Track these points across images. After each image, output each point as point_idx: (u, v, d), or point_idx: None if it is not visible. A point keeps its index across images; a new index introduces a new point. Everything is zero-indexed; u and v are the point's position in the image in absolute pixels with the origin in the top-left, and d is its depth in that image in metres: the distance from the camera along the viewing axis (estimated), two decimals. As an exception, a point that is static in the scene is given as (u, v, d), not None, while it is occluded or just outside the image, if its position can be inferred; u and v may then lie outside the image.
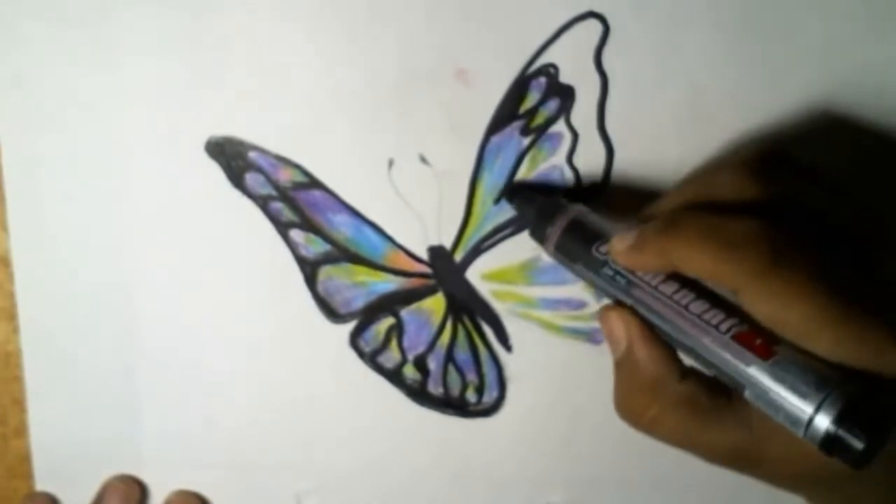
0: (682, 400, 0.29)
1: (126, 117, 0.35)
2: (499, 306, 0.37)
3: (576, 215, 0.33)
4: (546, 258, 0.36)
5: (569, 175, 0.35)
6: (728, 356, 0.27)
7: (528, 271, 0.37)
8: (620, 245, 0.30)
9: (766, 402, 0.26)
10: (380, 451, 0.39)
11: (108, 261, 0.36)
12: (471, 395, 0.38)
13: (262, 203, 0.36)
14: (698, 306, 0.28)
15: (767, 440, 0.28)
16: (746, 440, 0.28)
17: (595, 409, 0.38)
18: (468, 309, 0.37)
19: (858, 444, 0.25)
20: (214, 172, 0.35)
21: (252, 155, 0.35)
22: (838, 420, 0.25)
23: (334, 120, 0.35)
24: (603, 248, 0.31)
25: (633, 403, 0.30)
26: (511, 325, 0.37)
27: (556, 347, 0.37)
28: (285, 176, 0.35)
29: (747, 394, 0.27)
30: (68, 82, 0.34)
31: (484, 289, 0.37)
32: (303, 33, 0.34)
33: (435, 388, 0.38)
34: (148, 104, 0.35)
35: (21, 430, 0.39)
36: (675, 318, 0.29)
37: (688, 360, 0.30)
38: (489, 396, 0.38)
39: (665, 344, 0.30)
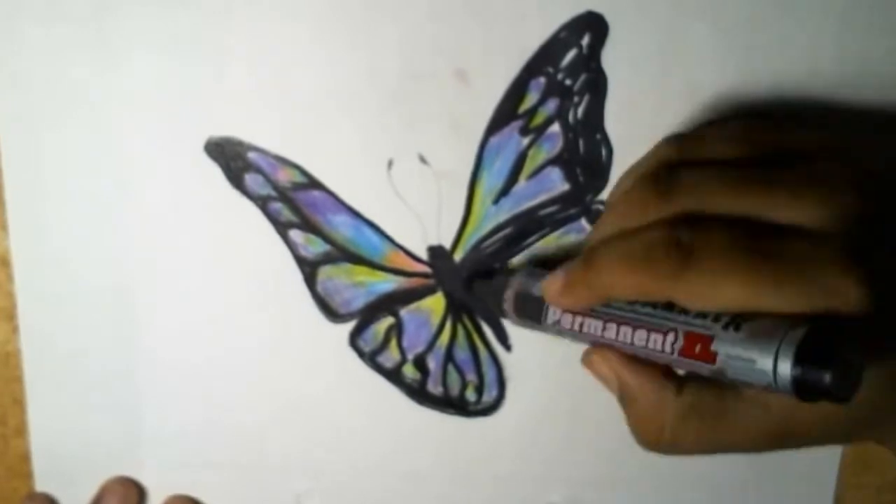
0: (687, 411, 0.29)
1: (126, 117, 0.35)
2: (498, 306, 0.37)
3: (517, 286, 0.33)
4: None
5: (568, 175, 0.35)
6: (687, 367, 0.28)
7: (528, 271, 0.37)
8: (552, 290, 0.31)
9: (743, 384, 0.26)
10: (380, 450, 0.39)
11: (109, 261, 0.36)
12: (470, 395, 0.38)
13: (262, 203, 0.36)
14: (639, 337, 0.29)
15: (789, 409, 0.27)
16: (769, 419, 0.28)
17: (595, 408, 0.38)
18: (468, 308, 0.37)
19: (826, 378, 0.24)
20: (214, 173, 0.35)
21: (251, 155, 0.35)
22: (796, 363, 0.24)
23: (334, 120, 0.35)
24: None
25: (647, 433, 0.30)
26: (511, 325, 0.37)
27: (556, 347, 0.37)
28: (285, 176, 0.35)
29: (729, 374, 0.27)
30: (68, 82, 0.34)
31: (483, 289, 0.37)
32: (303, 33, 0.34)
33: (434, 388, 0.38)
34: (148, 104, 0.35)
35: (21, 430, 0.39)
36: (635, 351, 0.29)
37: None
38: (489, 396, 0.38)
39: (651, 365, 0.30)
